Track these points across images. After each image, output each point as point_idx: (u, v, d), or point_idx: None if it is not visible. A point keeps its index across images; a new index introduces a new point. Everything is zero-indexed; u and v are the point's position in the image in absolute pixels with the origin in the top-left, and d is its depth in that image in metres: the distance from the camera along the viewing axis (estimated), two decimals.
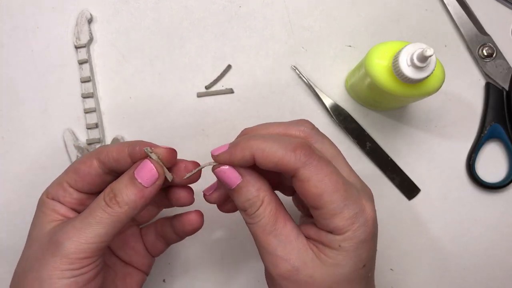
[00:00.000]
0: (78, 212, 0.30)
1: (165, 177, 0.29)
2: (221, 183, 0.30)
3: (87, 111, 0.42)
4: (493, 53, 0.43)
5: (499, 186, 0.42)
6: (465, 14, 0.44)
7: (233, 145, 0.28)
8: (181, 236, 0.34)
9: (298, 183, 0.26)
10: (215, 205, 0.33)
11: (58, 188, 0.30)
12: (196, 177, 0.31)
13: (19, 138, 0.43)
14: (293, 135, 0.29)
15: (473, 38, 0.44)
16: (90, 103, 0.43)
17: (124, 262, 0.35)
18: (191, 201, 0.32)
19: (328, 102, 0.43)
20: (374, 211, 0.28)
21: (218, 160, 0.29)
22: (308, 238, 0.28)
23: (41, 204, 0.30)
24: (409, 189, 0.43)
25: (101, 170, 0.30)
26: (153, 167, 0.28)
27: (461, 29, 0.44)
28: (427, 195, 0.43)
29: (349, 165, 0.30)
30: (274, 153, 0.26)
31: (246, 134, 0.30)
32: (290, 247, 0.27)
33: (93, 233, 0.27)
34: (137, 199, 0.28)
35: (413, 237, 0.42)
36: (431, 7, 0.45)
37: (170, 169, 0.30)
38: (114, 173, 0.30)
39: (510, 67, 0.43)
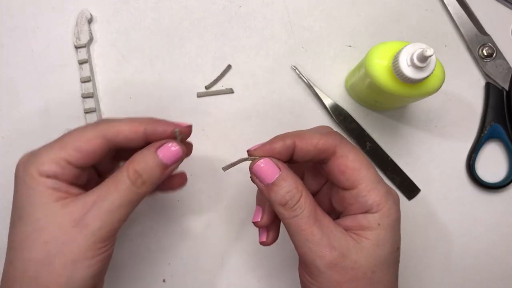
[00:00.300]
0: (77, 184, 0.30)
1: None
2: (258, 183, 0.30)
3: (87, 111, 0.42)
4: (493, 53, 0.43)
5: (499, 186, 0.42)
6: (465, 14, 0.44)
7: (270, 140, 0.30)
8: (164, 190, 0.36)
9: (337, 161, 0.29)
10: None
11: (55, 166, 0.28)
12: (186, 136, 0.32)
13: (19, 138, 0.43)
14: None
15: (473, 38, 0.44)
16: (90, 103, 0.43)
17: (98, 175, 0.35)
18: (185, 183, 0.35)
19: (328, 102, 0.43)
20: (398, 198, 0.30)
21: (258, 153, 0.30)
22: (346, 229, 0.29)
23: (31, 182, 0.28)
24: (409, 189, 0.43)
25: (107, 148, 0.29)
26: (179, 148, 0.29)
27: (461, 29, 0.44)
28: (427, 195, 0.43)
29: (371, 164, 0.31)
30: (312, 137, 0.29)
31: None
32: (333, 236, 0.28)
33: (123, 213, 0.28)
34: (161, 177, 0.29)
35: (413, 237, 0.42)
36: (431, 7, 0.45)
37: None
38: (119, 148, 0.30)
39: (510, 67, 0.43)
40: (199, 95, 0.43)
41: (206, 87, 0.44)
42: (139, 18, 0.44)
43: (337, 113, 0.43)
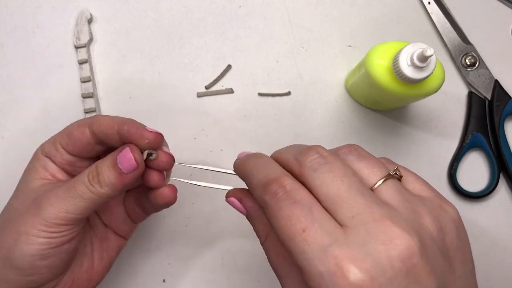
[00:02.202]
0: (68, 172, 0.32)
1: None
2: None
3: (87, 111, 0.42)
4: (475, 63, 0.43)
5: (480, 195, 0.42)
6: (448, 23, 0.44)
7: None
8: (155, 208, 0.34)
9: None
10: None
11: (51, 146, 0.31)
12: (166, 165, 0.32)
13: (19, 138, 0.43)
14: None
15: (456, 47, 0.44)
16: (90, 103, 0.43)
17: (104, 225, 0.35)
18: (174, 199, 0.33)
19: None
20: (364, 278, 0.20)
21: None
22: None
23: (34, 159, 0.31)
24: None
25: (92, 140, 0.30)
26: (132, 157, 0.29)
27: (444, 38, 0.44)
28: None
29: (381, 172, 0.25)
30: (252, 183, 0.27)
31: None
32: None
33: (73, 206, 0.28)
34: (117, 183, 0.29)
35: None
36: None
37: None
38: (104, 144, 0.31)
39: (492, 76, 0.43)
40: (199, 95, 0.43)
41: (206, 87, 0.44)
42: (139, 18, 0.44)
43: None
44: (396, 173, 0.25)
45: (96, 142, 0.30)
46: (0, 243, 0.28)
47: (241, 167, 0.28)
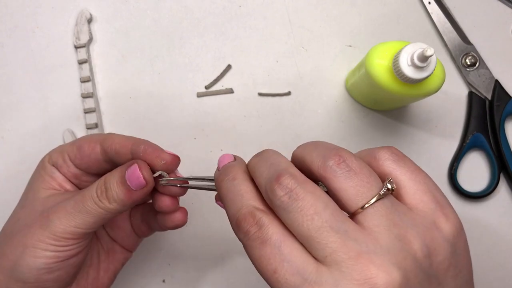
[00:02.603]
0: (74, 184, 0.31)
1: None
2: None
3: (87, 111, 0.42)
4: (476, 62, 0.43)
5: (481, 195, 0.42)
6: (448, 23, 0.44)
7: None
8: (162, 228, 0.34)
9: None
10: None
11: (59, 156, 0.31)
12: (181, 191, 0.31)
13: (19, 138, 0.43)
14: None
15: (456, 47, 0.44)
16: (90, 103, 0.43)
17: (110, 238, 0.35)
18: (185, 222, 0.33)
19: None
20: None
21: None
22: None
23: (41, 167, 0.31)
24: None
25: (102, 157, 0.30)
26: (140, 176, 0.28)
27: (444, 38, 0.44)
28: None
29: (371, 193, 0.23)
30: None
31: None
32: None
33: (81, 220, 0.28)
34: (126, 199, 0.28)
35: None
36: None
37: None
38: (113, 163, 0.30)
39: (492, 76, 0.43)
40: (199, 95, 0.43)
41: (206, 87, 0.44)
42: (139, 18, 0.44)
43: None
44: (388, 188, 0.22)
45: (105, 159, 0.30)
46: (6, 255, 0.28)
47: (218, 190, 0.27)
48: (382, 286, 0.20)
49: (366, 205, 0.22)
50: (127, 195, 0.28)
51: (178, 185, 0.30)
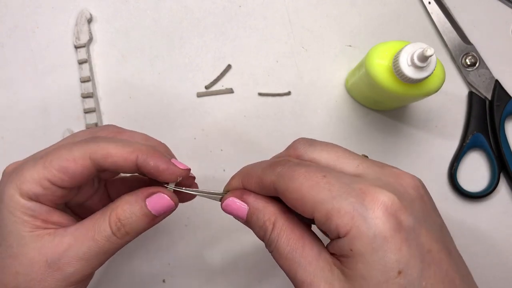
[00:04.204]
0: (58, 204, 0.27)
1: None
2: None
3: (86, 111, 0.42)
4: (476, 62, 0.43)
5: (481, 195, 0.42)
6: (448, 23, 0.44)
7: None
8: None
9: (284, 198, 0.25)
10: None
11: (36, 186, 0.25)
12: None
13: (19, 138, 0.43)
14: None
15: (456, 47, 0.44)
16: (90, 103, 0.43)
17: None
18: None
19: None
20: (392, 197, 0.22)
21: (227, 188, 0.29)
22: (333, 254, 0.24)
23: (11, 206, 0.25)
24: None
25: (95, 169, 0.26)
26: (170, 200, 0.27)
27: (445, 38, 0.44)
28: None
29: (356, 157, 0.26)
30: (252, 176, 0.26)
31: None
32: (311, 268, 0.24)
33: (99, 262, 0.26)
34: (147, 227, 0.27)
35: None
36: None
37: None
38: (109, 173, 0.29)
39: (492, 76, 0.43)
40: (199, 95, 0.43)
41: (206, 87, 0.44)
42: (139, 18, 0.44)
43: None
44: (363, 154, 0.27)
45: (99, 170, 0.27)
46: None
47: (239, 172, 0.28)
48: (411, 181, 0.24)
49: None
50: (151, 223, 0.27)
51: (189, 192, 0.29)
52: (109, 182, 0.33)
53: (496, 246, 0.43)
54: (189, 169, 0.28)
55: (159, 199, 0.26)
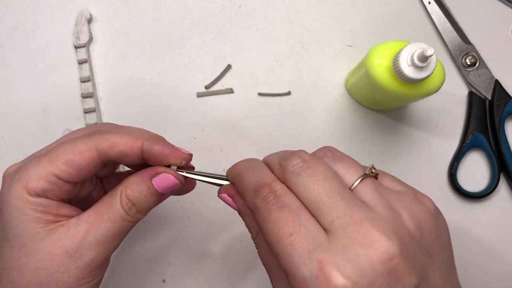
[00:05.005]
0: (65, 201, 0.28)
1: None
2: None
3: (86, 111, 0.42)
4: (476, 62, 0.43)
5: (481, 195, 0.42)
6: (448, 23, 0.44)
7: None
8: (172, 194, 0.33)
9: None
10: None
11: (43, 182, 0.26)
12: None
13: (19, 138, 0.43)
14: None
15: (456, 47, 0.44)
16: (89, 103, 0.43)
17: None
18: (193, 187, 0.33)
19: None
20: (345, 284, 0.20)
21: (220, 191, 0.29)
22: None
23: (20, 205, 0.26)
24: None
25: (101, 161, 0.27)
26: (174, 179, 0.28)
27: (444, 38, 0.44)
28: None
29: (338, 204, 0.23)
30: (242, 182, 0.26)
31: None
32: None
33: (118, 242, 0.28)
34: (156, 204, 0.28)
35: None
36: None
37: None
38: (114, 163, 0.30)
39: (492, 76, 0.43)
40: (199, 95, 0.43)
41: (206, 87, 0.44)
42: (139, 18, 0.44)
43: None
44: (372, 171, 0.25)
45: (105, 163, 0.27)
46: None
47: (234, 169, 0.28)
48: (385, 250, 0.21)
49: (357, 182, 0.24)
50: (158, 200, 0.28)
51: (191, 176, 0.30)
52: (105, 179, 0.34)
53: (496, 246, 0.43)
54: (192, 154, 0.29)
55: (165, 178, 0.28)
